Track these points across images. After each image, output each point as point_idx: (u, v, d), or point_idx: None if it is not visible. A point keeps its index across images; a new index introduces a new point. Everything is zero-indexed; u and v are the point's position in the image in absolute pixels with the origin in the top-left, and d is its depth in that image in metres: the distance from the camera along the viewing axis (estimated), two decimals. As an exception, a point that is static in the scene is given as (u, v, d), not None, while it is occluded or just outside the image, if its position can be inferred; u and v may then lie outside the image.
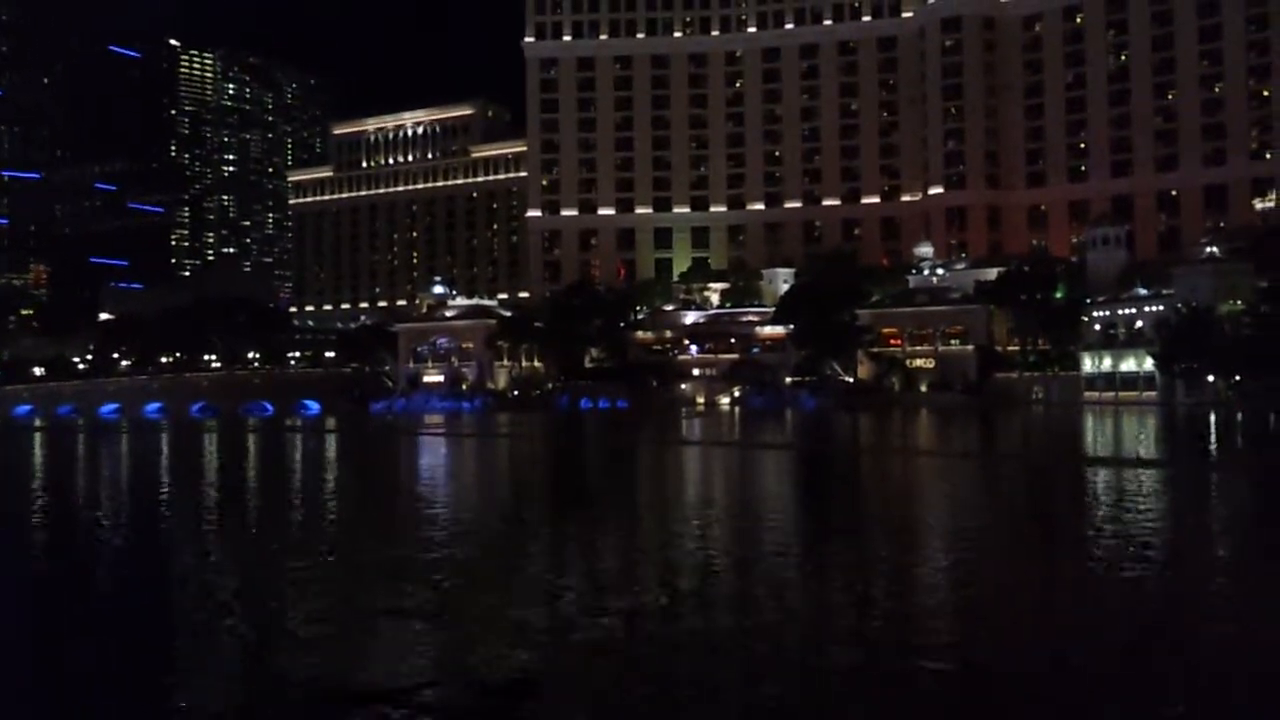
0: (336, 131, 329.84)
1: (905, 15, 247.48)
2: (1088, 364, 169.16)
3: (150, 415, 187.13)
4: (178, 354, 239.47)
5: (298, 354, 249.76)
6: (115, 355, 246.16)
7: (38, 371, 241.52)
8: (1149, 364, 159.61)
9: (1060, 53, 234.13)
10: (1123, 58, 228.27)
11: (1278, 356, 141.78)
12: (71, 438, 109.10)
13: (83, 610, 23.77)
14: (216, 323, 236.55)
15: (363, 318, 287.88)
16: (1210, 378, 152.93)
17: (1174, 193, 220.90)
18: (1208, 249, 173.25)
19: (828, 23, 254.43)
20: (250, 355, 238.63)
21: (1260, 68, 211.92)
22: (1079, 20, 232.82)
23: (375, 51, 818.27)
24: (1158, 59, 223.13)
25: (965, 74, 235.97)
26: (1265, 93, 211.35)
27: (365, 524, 38.28)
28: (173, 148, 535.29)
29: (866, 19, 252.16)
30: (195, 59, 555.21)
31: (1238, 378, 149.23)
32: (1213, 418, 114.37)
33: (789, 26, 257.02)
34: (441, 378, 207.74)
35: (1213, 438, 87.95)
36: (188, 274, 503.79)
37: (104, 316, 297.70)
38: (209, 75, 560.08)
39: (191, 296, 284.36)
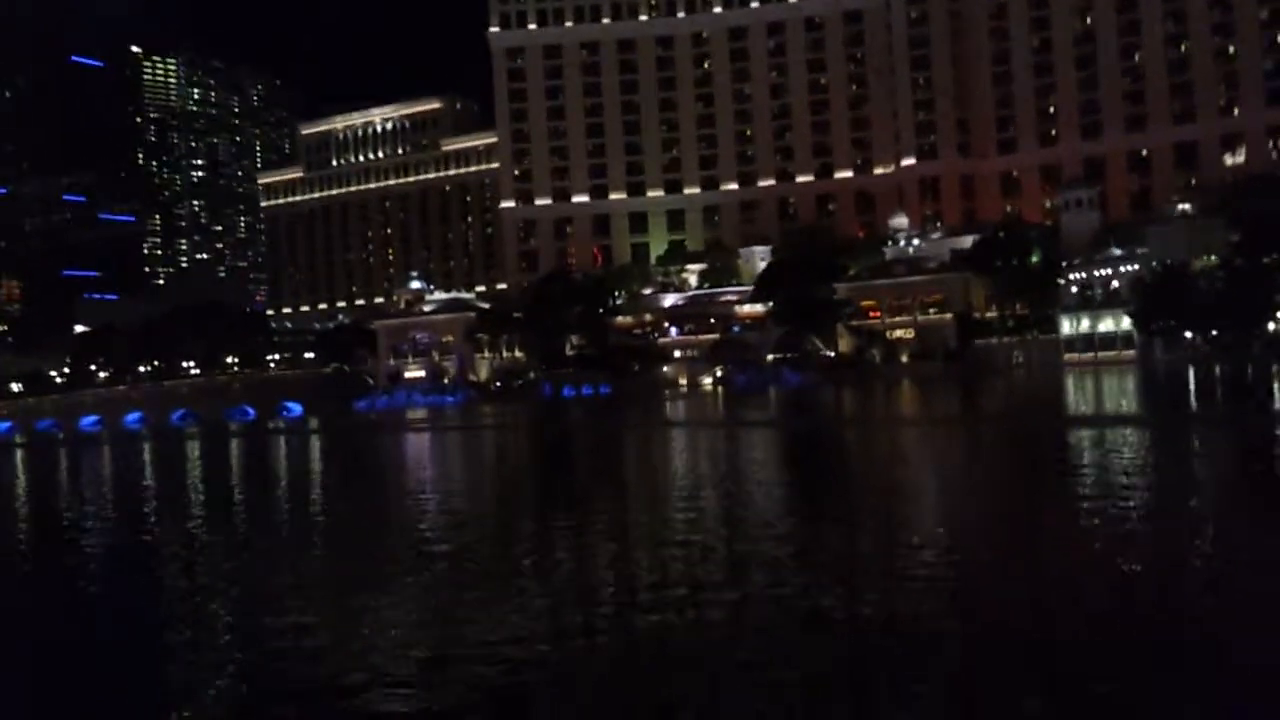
0: (304, 131, 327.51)
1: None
2: (1066, 326, 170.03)
3: (131, 425, 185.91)
4: (156, 363, 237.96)
5: (277, 356, 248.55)
6: (93, 367, 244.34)
7: (15, 388, 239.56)
8: (1126, 323, 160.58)
9: (1026, 18, 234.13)
10: (1088, 20, 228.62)
11: (1252, 309, 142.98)
12: (70, 452, 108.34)
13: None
14: (193, 329, 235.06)
15: (340, 317, 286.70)
16: (1188, 334, 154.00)
17: (1144, 152, 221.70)
18: (1180, 206, 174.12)
19: (793, 0, 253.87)
20: (229, 360, 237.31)
21: (1224, 25, 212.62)
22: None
23: (339, 49, 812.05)
24: (1123, 20, 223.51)
25: (932, 44, 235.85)
26: (1230, 49, 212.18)
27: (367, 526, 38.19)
28: (140, 155, 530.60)
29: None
30: (158, 65, 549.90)
31: (1214, 332, 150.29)
32: (1191, 373, 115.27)
33: (754, 5, 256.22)
34: (423, 373, 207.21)
35: (1191, 393, 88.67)
36: (162, 282, 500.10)
37: (79, 329, 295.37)
38: (173, 81, 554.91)
39: (167, 304, 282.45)
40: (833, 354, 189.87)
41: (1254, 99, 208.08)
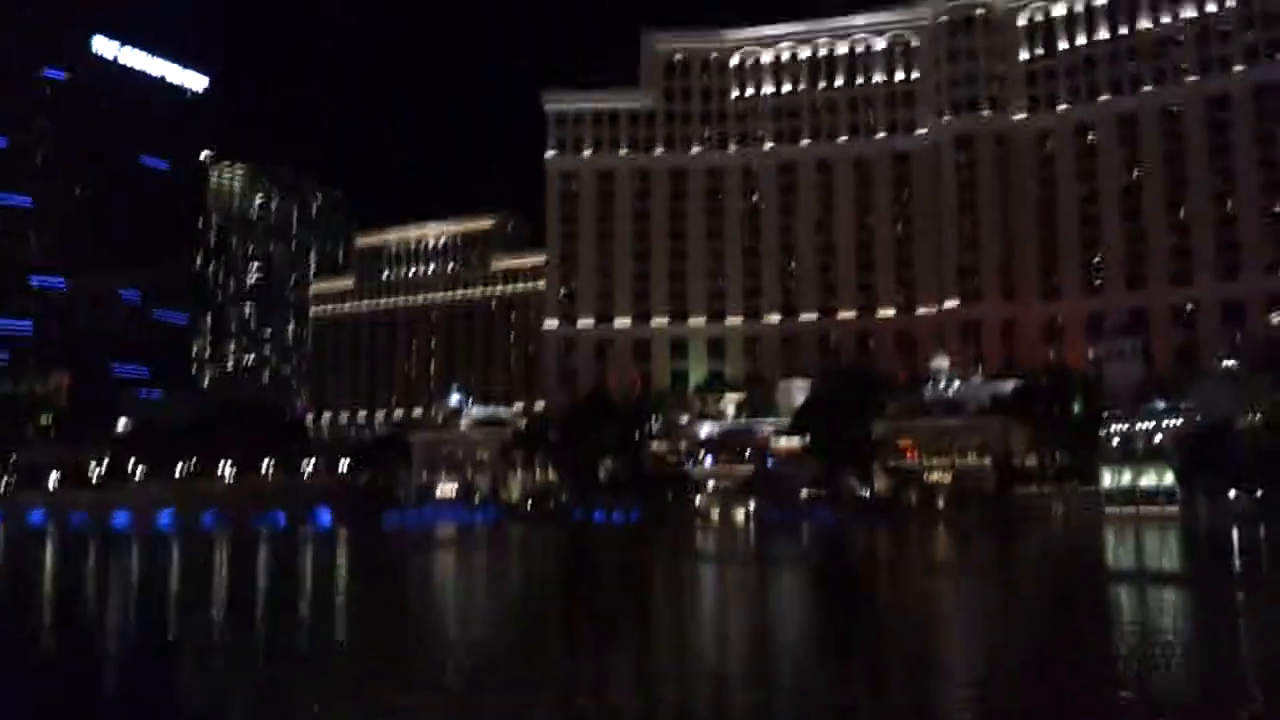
0: (359, 242, 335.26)
1: (919, 132, 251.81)
2: (1107, 478, 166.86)
3: (162, 525, 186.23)
4: (194, 462, 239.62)
5: (312, 463, 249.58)
6: (131, 463, 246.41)
7: (54, 478, 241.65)
8: (1169, 478, 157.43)
9: (1073, 168, 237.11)
10: (1134, 174, 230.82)
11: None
12: (99, 547, 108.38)
13: None
14: (232, 431, 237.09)
15: (378, 427, 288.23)
16: (1232, 492, 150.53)
17: (1189, 306, 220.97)
18: (1225, 362, 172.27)
19: (843, 139, 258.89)
20: (265, 464, 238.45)
21: (1271, 183, 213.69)
22: (1090, 137, 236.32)
23: (402, 164, 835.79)
24: (1170, 175, 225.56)
25: (979, 189, 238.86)
26: (1277, 209, 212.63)
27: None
28: (199, 258, 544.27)
29: (881, 135, 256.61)
30: (224, 170, 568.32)
31: (1260, 492, 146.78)
32: (1235, 533, 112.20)
33: (805, 143, 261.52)
34: (454, 488, 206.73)
35: (1236, 554, 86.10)
36: (207, 383, 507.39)
37: (122, 424, 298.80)
38: (238, 186, 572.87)
39: (209, 405, 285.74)
40: (868, 494, 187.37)
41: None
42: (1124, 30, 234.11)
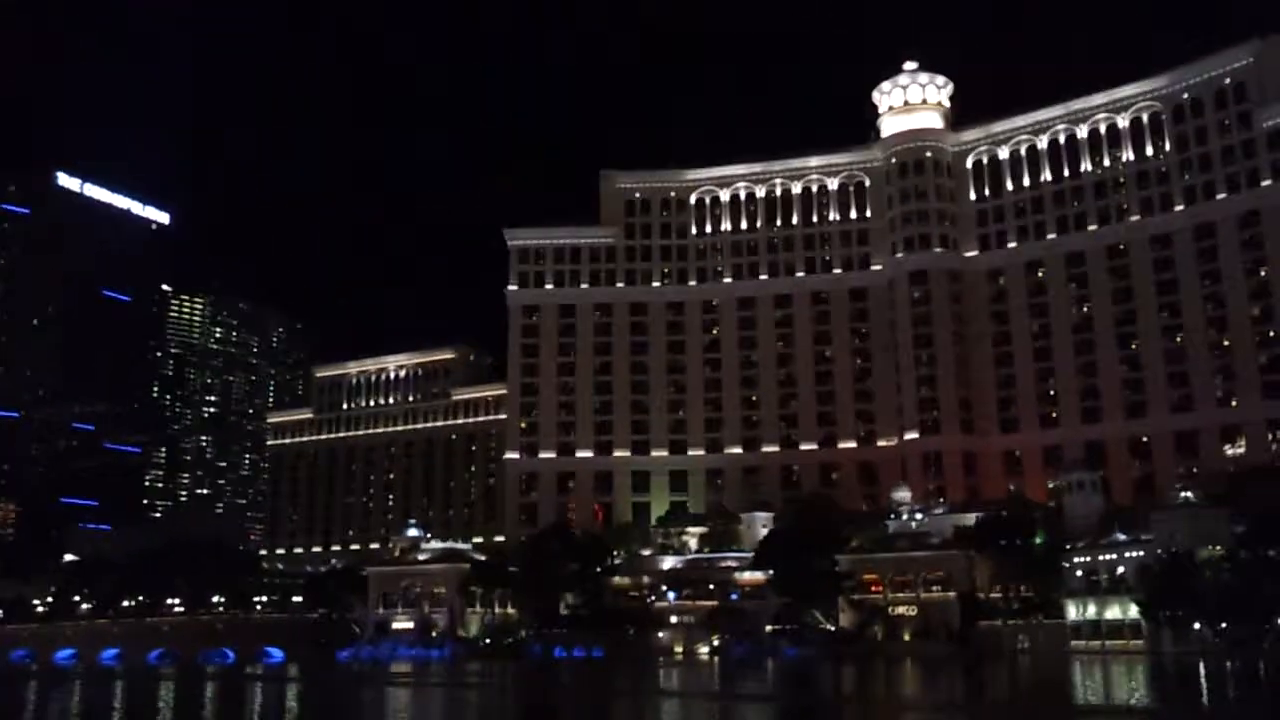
0: (319, 374, 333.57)
1: (875, 267, 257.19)
2: (1072, 611, 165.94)
3: (107, 662, 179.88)
4: (140, 597, 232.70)
5: (265, 598, 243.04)
6: (77, 598, 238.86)
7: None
8: (1134, 611, 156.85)
9: (1025, 304, 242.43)
10: (1085, 309, 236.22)
11: (1262, 603, 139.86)
12: (39, 686, 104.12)
13: None
14: (183, 566, 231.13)
15: (334, 561, 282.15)
16: (1196, 625, 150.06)
17: (1145, 439, 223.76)
18: (1183, 494, 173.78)
19: (800, 274, 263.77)
20: (216, 599, 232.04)
21: (1218, 319, 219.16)
22: (1040, 274, 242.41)
23: (363, 298, 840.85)
24: (1119, 310, 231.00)
25: (934, 323, 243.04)
26: (1226, 343, 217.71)
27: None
28: (155, 388, 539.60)
29: (837, 271, 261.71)
30: (185, 303, 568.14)
31: (1224, 625, 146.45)
32: (1202, 666, 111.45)
33: (763, 278, 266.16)
34: (411, 624, 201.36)
35: (1204, 688, 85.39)
36: (159, 515, 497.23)
37: (69, 557, 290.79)
38: (198, 319, 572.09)
39: (160, 538, 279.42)
40: (833, 628, 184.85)
41: (1251, 392, 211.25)
42: (1068, 172, 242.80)
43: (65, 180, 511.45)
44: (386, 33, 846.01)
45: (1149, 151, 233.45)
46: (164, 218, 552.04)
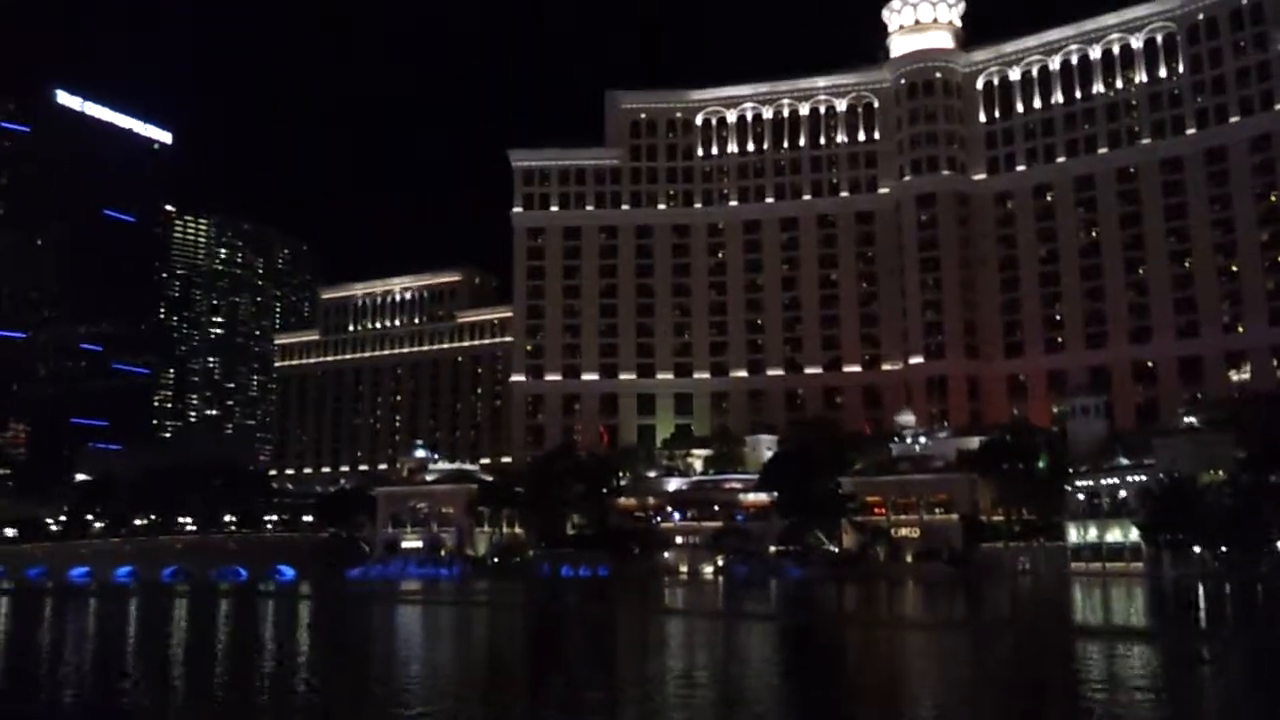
0: (325, 296, 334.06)
1: (882, 191, 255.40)
2: (1073, 534, 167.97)
3: (121, 579, 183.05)
4: (153, 516, 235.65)
5: (275, 518, 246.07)
6: (89, 517, 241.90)
7: (10, 533, 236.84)
8: (1134, 534, 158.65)
9: (1033, 228, 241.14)
10: (1093, 233, 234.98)
11: (1261, 527, 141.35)
12: (55, 603, 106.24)
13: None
14: (193, 485, 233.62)
15: (343, 481, 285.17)
16: (1196, 548, 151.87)
17: (1150, 364, 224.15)
18: (1186, 419, 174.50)
19: (806, 197, 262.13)
20: (227, 518, 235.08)
21: (1226, 245, 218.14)
22: (1049, 198, 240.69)
23: (369, 219, 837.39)
24: (1127, 235, 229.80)
25: (941, 247, 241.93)
26: (1233, 268, 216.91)
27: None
28: (162, 310, 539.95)
29: (844, 194, 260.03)
30: (190, 224, 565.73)
31: (1223, 548, 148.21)
32: (1200, 589, 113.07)
33: (769, 200, 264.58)
34: (420, 543, 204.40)
35: (1201, 610, 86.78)
36: (169, 435, 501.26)
37: (80, 477, 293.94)
38: (202, 240, 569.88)
39: (170, 458, 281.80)
40: (836, 549, 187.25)
41: (1257, 317, 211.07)
42: (1079, 94, 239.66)
43: (65, 98, 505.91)
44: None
45: (1162, 73, 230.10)
46: (166, 137, 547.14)
